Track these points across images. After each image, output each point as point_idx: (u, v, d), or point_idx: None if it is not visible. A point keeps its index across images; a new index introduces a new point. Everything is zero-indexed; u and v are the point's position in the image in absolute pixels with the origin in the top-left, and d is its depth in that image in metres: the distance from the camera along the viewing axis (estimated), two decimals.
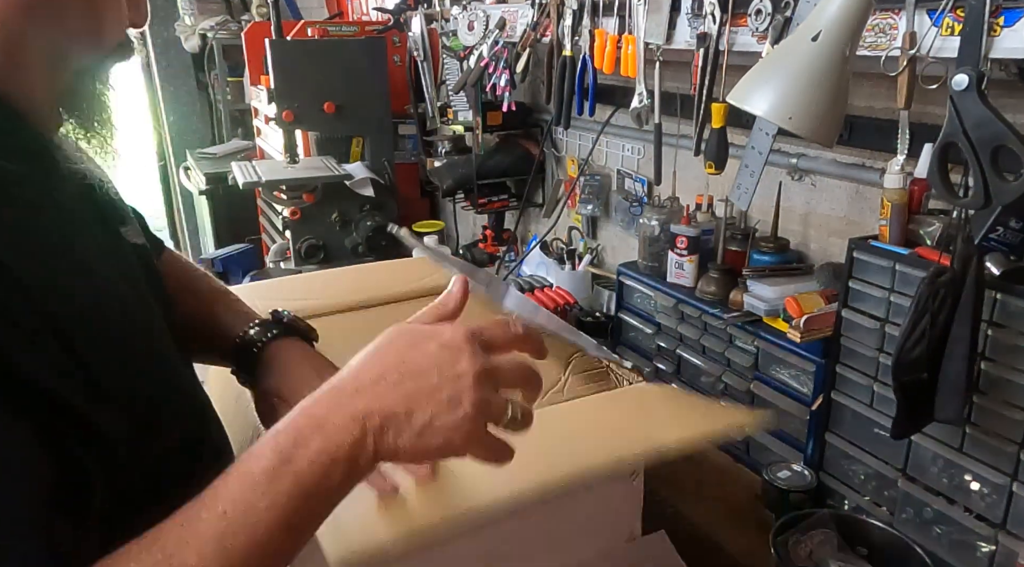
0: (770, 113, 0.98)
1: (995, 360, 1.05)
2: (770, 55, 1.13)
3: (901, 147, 1.14)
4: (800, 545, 1.16)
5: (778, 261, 1.51)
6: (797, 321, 1.31)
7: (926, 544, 1.15)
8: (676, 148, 1.69)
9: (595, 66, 1.65)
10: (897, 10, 1.04)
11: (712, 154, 1.39)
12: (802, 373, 1.36)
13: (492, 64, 1.95)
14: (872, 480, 1.25)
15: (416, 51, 2.56)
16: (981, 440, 1.07)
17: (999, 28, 0.92)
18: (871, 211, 1.44)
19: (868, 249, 1.19)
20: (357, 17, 3.54)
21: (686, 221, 1.61)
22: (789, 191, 1.61)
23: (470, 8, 2.03)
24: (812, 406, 1.33)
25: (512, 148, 2.57)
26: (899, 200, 1.16)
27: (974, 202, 0.93)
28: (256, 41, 2.99)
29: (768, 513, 1.33)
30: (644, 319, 1.72)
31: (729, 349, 1.49)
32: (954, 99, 0.92)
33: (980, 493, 1.09)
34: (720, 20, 1.31)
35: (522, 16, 1.86)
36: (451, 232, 3.28)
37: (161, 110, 5.10)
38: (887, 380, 1.16)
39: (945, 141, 0.94)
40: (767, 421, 1.00)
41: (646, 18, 1.46)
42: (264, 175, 2.40)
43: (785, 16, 1.19)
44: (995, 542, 1.06)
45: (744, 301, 1.46)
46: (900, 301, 1.14)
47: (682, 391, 1.00)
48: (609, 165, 2.21)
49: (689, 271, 1.61)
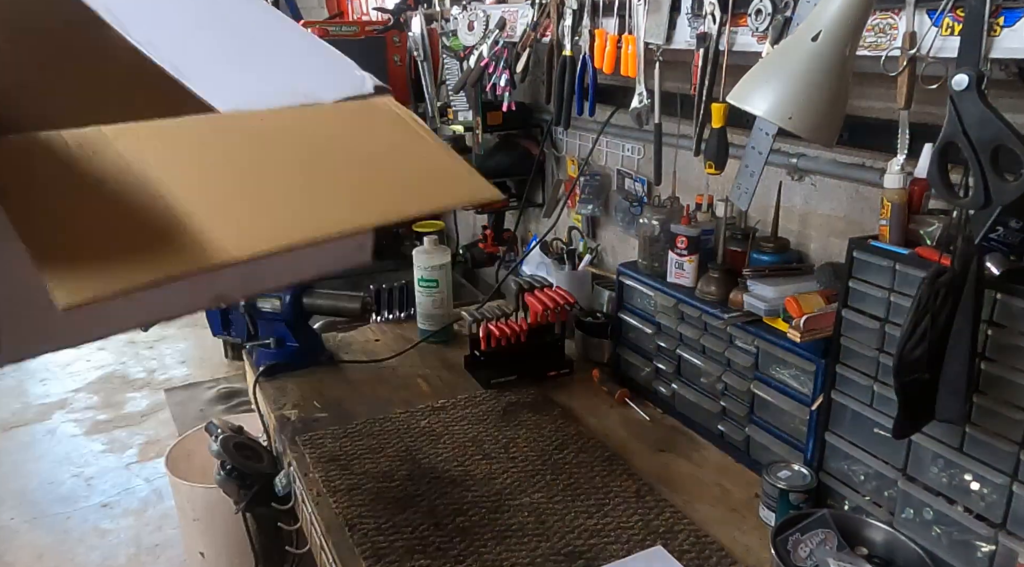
0: (770, 113, 0.98)
1: (995, 360, 1.05)
2: (770, 55, 1.13)
3: (901, 147, 1.14)
4: (800, 545, 1.16)
5: (778, 261, 1.51)
6: (797, 321, 1.31)
7: (926, 544, 1.15)
8: (676, 148, 1.69)
9: (595, 66, 1.65)
10: (897, 10, 1.04)
11: (712, 154, 1.40)
12: (802, 373, 1.36)
13: (492, 64, 1.95)
14: (872, 480, 1.25)
15: (416, 51, 2.56)
16: (981, 440, 1.07)
17: (999, 28, 0.92)
18: (871, 211, 1.44)
19: (868, 249, 1.19)
20: (357, 17, 3.54)
21: (686, 221, 1.61)
22: (789, 191, 1.61)
23: (470, 8, 2.03)
24: (812, 406, 1.33)
25: (512, 148, 2.57)
26: (899, 200, 1.16)
27: (974, 202, 0.93)
28: None
29: (768, 513, 1.33)
30: (644, 319, 1.72)
31: (729, 349, 1.49)
32: (954, 99, 0.92)
33: (980, 493, 1.09)
34: (720, 20, 1.31)
35: (522, 16, 1.86)
36: (451, 232, 3.28)
37: None
38: (887, 380, 1.16)
39: (945, 141, 0.94)
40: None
41: (646, 18, 1.46)
42: None
43: (785, 16, 1.19)
44: (995, 542, 1.06)
45: (744, 301, 1.46)
46: (900, 301, 1.14)
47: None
48: (609, 165, 2.21)
49: (689, 271, 1.61)
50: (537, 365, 1.86)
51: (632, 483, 1.44)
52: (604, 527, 1.32)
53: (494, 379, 1.82)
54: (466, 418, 1.67)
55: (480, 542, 1.28)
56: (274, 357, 1.89)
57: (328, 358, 1.96)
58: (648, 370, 1.73)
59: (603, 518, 1.34)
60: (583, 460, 1.51)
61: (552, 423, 1.65)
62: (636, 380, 1.79)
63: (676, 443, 1.60)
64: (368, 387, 1.84)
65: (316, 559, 1.47)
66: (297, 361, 1.91)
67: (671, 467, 1.51)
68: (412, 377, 1.89)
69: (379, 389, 1.83)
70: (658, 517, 1.34)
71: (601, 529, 1.31)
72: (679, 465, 1.52)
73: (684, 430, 1.64)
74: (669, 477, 1.48)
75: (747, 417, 1.49)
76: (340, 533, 1.32)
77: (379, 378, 1.88)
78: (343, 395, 1.80)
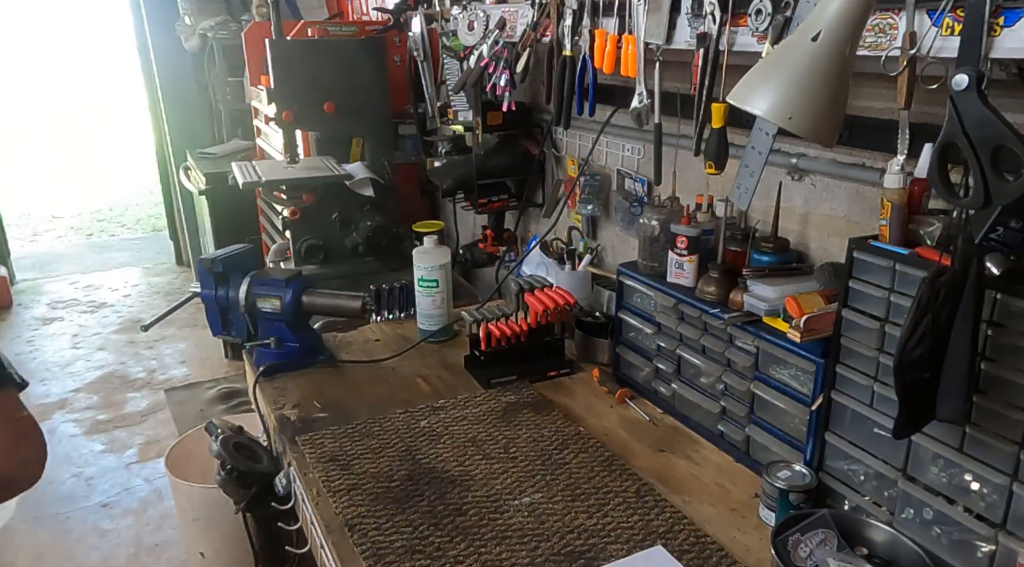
0: (770, 113, 0.98)
1: (995, 360, 1.05)
2: (770, 55, 1.13)
3: (901, 147, 1.14)
4: (800, 545, 1.16)
5: (778, 261, 1.51)
6: (797, 321, 1.31)
7: (926, 544, 1.15)
8: (676, 148, 1.69)
9: (595, 66, 1.65)
10: (897, 10, 1.04)
11: (712, 154, 1.39)
12: (802, 373, 1.36)
13: (492, 64, 1.95)
14: (872, 480, 1.25)
15: (416, 51, 2.56)
16: (981, 440, 1.07)
17: (999, 28, 0.92)
18: (871, 211, 1.44)
19: (868, 249, 1.19)
20: (357, 17, 3.54)
21: (686, 221, 1.61)
22: (789, 191, 1.61)
23: (470, 8, 2.03)
24: (812, 406, 1.33)
25: (512, 148, 2.57)
26: (899, 200, 1.16)
27: (974, 202, 0.93)
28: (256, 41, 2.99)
29: (768, 513, 1.33)
30: (644, 319, 1.72)
31: (729, 349, 1.49)
32: (954, 99, 0.92)
33: (980, 493, 1.09)
34: (720, 20, 1.31)
35: (522, 16, 1.86)
36: (451, 232, 3.28)
37: (161, 110, 5.10)
38: (887, 380, 1.16)
39: (945, 141, 0.94)
40: None
41: (646, 18, 1.46)
42: (264, 175, 2.40)
43: (785, 16, 1.19)
44: (995, 542, 1.06)
45: (744, 301, 1.46)
46: (900, 301, 1.14)
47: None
48: (609, 165, 2.21)
49: (689, 271, 1.61)
50: (537, 365, 1.86)
51: (632, 483, 1.44)
52: (604, 527, 1.32)
53: (494, 379, 1.82)
54: (466, 418, 1.67)
55: (480, 542, 1.28)
56: (274, 357, 1.89)
57: (328, 358, 1.96)
58: (648, 370, 1.73)
59: (603, 518, 1.34)
60: (583, 460, 1.51)
61: (552, 423, 1.65)
62: (636, 380, 1.79)
63: (676, 443, 1.60)
64: (368, 387, 1.84)
65: (316, 559, 1.47)
66: (297, 361, 1.91)
67: (671, 467, 1.51)
68: (412, 377, 1.89)
69: (379, 389, 1.83)
70: (658, 517, 1.34)
71: (601, 529, 1.31)
72: (679, 465, 1.52)
73: (684, 430, 1.64)
74: (669, 477, 1.48)
75: (747, 417, 1.49)
76: (340, 533, 1.32)
77: (379, 378, 1.88)
78: (343, 395, 1.80)
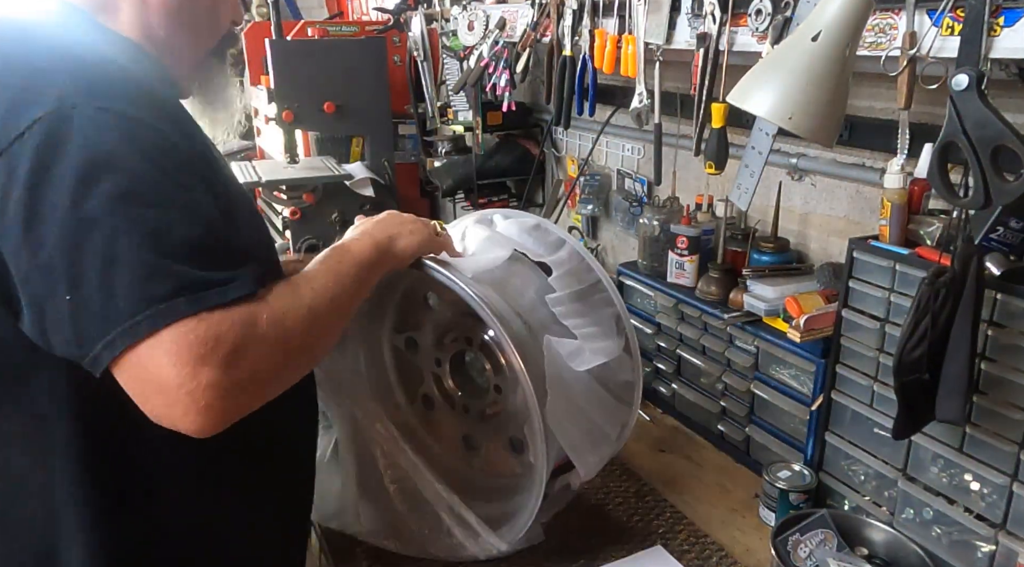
0: (770, 113, 0.98)
1: (995, 360, 1.05)
2: (770, 55, 1.13)
3: (901, 147, 1.14)
4: (800, 545, 1.16)
5: (778, 261, 1.51)
6: (797, 321, 1.31)
7: (926, 544, 1.15)
8: (676, 148, 1.69)
9: (595, 66, 1.65)
10: (897, 10, 1.04)
11: (712, 154, 1.39)
12: (802, 373, 1.36)
13: (492, 64, 1.95)
14: (872, 480, 1.25)
15: (416, 51, 2.56)
16: (981, 440, 1.07)
17: (999, 28, 0.92)
18: (871, 211, 1.44)
19: (868, 249, 1.19)
20: (357, 17, 3.54)
21: (686, 221, 1.61)
22: (789, 191, 1.61)
23: (470, 8, 2.03)
24: (812, 406, 1.33)
25: (512, 148, 2.57)
26: (899, 200, 1.16)
27: (974, 202, 0.93)
28: (256, 41, 2.99)
29: (768, 513, 1.33)
30: (644, 319, 1.72)
31: (729, 349, 1.49)
32: (954, 99, 0.92)
33: (980, 493, 1.09)
34: (720, 20, 1.31)
35: (522, 16, 1.86)
36: None
37: None
38: (887, 380, 1.16)
39: (945, 141, 0.94)
40: None
41: (646, 18, 1.46)
42: (264, 175, 2.40)
43: (785, 16, 1.19)
44: (995, 542, 1.06)
45: (744, 301, 1.46)
46: (900, 301, 1.14)
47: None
48: (609, 165, 2.21)
49: (689, 271, 1.61)
50: None
51: (632, 483, 1.44)
52: (604, 527, 1.32)
53: None
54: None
55: None
56: None
57: None
58: (648, 370, 1.72)
59: (603, 518, 1.34)
60: None
61: None
62: None
63: (676, 443, 1.60)
64: None
65: (316, 559, 1.47)
66: None
67: (671, 467, 1.51)
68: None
69: None
70: (658, 517, 1.34)
71: (601, 529, 1.31)
72: (679, 465, 1.52)
73: (684, 430, 1.64)
74: (669, 477, 1.48)
75: (747, 417, 1.49)
76: (340, 533, 1.32)
77: None
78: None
